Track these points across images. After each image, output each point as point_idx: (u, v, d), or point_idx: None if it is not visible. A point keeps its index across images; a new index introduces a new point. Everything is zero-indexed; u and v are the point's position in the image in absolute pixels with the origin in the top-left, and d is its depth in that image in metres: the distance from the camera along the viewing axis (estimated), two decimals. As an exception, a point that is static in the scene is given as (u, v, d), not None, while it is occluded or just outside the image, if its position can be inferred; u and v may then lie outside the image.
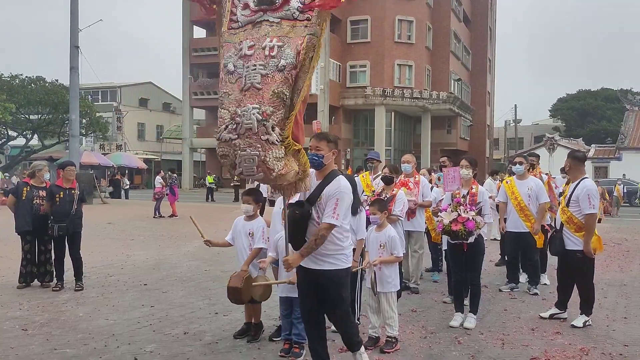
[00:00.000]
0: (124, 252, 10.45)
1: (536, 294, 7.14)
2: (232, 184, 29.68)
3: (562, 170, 6.24)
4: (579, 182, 5.76)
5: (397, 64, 38.70)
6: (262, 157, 3.50)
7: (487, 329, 5.57)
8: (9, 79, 33.23)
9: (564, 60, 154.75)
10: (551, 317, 5.95)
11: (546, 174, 8.66)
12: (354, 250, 5.38)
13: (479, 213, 5.56)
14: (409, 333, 5.41)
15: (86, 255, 7.92)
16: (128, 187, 32.29)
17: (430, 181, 8.09)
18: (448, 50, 42.33)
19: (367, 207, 6.05)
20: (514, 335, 5.39)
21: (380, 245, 5.02)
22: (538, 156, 8.75)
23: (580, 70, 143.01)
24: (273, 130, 3.52)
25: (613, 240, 12.68)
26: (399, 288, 5.20)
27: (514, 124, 51.47)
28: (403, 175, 6.94)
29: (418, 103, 38.06)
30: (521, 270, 7.75)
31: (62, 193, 7.21)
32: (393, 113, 39.06)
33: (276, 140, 3.51)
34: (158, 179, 19.09)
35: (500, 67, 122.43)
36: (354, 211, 5.52)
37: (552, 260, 6.82)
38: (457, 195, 5.75)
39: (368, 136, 39.35)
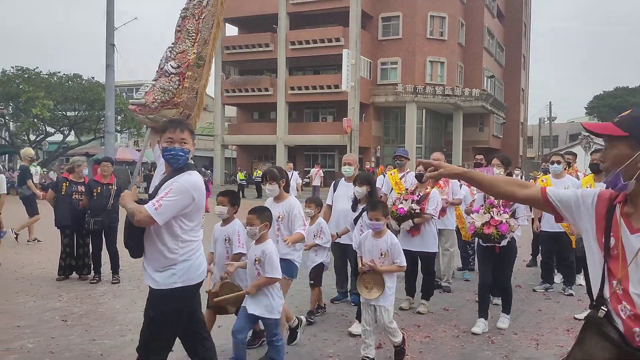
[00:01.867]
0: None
1: (571, 294, 7.02)
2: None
3: (594, 168, 6.04)
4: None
5: (429, 61, 38.32)
6: (154, 85, 3.50)
7: (521, 329, 5.51)
8: (47, 77, 34.11)
9: (601, 56, 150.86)
10: None
11: (583, 172, 8.50)
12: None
13: (513, 215, 5.42)
14: (442, 332, 5.39)
15: (123, 249, 8.07)
16: (161, 182, 32.83)
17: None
18: (481, 47, 41.73)
19: (401, 206, 6.03)
20: (549, 336, 5.31)
21: (382, 254, 4.51)
22: (575, 154, 8.58)
23: (617, 67, 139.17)
24: (167, 62, 3.49)
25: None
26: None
27: (548, 121, 50.47)
28: None
29: (450, 100, 37.65)
30: (556, 271, 7.63)
31: (99, 188, 7.39)
32: (424, 110, 38.73)
33: (167, 72, 3.45)
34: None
35: (535, 63, 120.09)
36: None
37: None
38: (490, 197, 5.56)
39: (398, 134, 39.11)
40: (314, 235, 5.64)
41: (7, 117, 34.20)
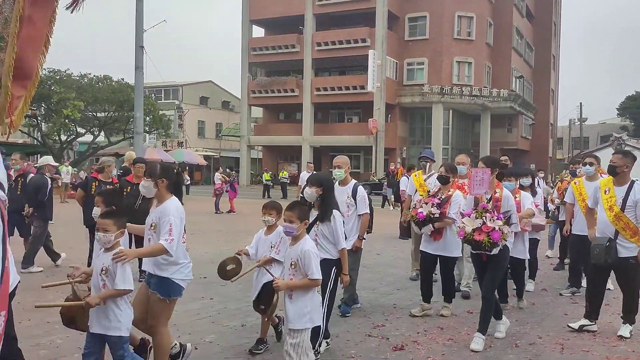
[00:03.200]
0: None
1: (599, 299, 6.88)
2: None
3: (613, 170, 5.64)
4: (630, 186, 5.40)
5: (456, 61, 38.05)
6: None
7: (546, 333, 5.44)
8: (78, 78, 34.87)
9: (634, 56, 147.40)
10: (580, 328, 5.58)
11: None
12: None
13: (507, 222, 4.98)
14: (465, 335, 5.36)
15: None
16: (189, 183, 33.27)
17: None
18: (510, 47, 41.24)
19: (420, 210, 5.96)
20: (574, 341, 5.24)
21: (292, 264, 3.76)
22: (598, 158, 8.42)
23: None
24: None
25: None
26: (319, 324, 4.03)
27: (578, 122, 49.56)
28: (457, 178, 6.31)
29: (477, 101, 37.30)
30: (583, 275, 7.50)
31: (129, 188, 7.55)
32: (451, 111, 38.45)
33: None
34: (217, 176, 19.60)
35: (565, 63, 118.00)
36: (321, 217, 4.54)
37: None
38: (483, 200, 5.08)
39: (425, 135, 38.91)
40: (271, 247, 4.60)
41: (39, 118, 35.04)
